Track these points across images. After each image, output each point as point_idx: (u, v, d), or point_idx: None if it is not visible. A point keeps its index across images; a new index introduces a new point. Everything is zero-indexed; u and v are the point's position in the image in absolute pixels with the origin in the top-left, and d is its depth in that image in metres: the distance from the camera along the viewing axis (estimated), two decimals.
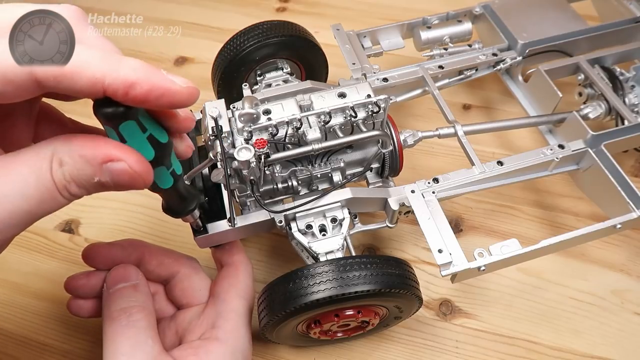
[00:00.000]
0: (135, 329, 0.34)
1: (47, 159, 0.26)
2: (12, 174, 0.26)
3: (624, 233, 0.53)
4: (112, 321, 0.35)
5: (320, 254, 0.41)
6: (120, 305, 0.35)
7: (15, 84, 0.25)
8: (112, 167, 0.26)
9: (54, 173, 0.26)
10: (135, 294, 0.37)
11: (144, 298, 0.37)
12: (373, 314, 0.41)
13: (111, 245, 0.40)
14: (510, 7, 0.61)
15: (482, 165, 0.46)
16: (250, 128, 0.40)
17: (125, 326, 0.34)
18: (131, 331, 0.34)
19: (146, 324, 0.35)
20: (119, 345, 0.34)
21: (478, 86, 0.68)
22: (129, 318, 0.35)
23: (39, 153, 0.26)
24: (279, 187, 0.43)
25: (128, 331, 0.34)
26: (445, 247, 0.40)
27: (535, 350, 0.47)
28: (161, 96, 0.25)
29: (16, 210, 0.26)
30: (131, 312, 0.35)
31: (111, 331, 0.34)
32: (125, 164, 0.26)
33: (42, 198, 0.26)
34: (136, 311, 0.35)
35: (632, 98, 0.54)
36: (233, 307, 0.38)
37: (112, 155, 0.26)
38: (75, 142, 0.27)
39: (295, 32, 0.53)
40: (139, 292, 0.37)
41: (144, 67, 0.25)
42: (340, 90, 0.44)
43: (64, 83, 0.25)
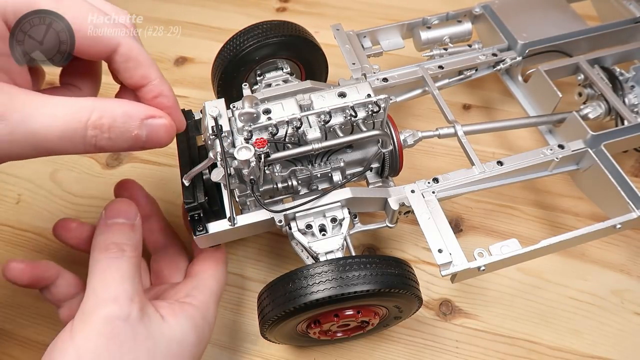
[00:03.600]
0: (127, 264, 0.35)
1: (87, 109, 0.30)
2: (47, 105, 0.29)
3: (624, 233, 0.53)
4: (105, 251, 0.36)
5: (320, 253, 0.41)
6: (115, 239, 0.36)
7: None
8: (153, 122, 0.33)
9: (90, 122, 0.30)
10: (131, 233, 0.37)
11: (137, 240, 0.38)
12: (373, 314, 0.41)
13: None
14: (510, 7, 0.61)
15: (482, 165, 0.46)
16: (250, 127, 0.40)
17: (117, 259, 0.35)
18: (123, 264, 0.35)
19: (136, 262, 0.36)
20: (109, 274, 0.35)
21: (478, 86, 0.68)
22: (123, 253, 0.36)
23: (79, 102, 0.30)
24: (278, 186, 0.43)
25: (120, 263, 0.35)
26: (445, 247, 0.40)
27: (535, 350, 0.47)
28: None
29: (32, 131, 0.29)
30: (124, 249, 0.36)
31: (101, 261, 0.35)
32: (164, 120, 0.34)
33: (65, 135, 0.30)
34: (129, 249, 0.36)
35: (631, 98, 0.54)
36: (208, 285, 0.41)
37: (155, 112, 0.33)
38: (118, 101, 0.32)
39: (295, 32, 0.53)
40: (135, 233, 0.38)
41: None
42: (340, 90, 0.44)
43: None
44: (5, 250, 0.54)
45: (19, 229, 0.55)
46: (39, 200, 0.57)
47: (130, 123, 0.32)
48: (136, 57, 0.34)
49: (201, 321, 0.38)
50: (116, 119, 0.31)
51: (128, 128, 0.32)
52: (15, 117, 0.28)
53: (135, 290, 0.35)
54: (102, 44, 0.32)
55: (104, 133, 0.31)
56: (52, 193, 0.58)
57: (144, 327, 0.34)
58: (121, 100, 0.33)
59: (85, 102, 0.31)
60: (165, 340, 0.35)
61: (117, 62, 0.34)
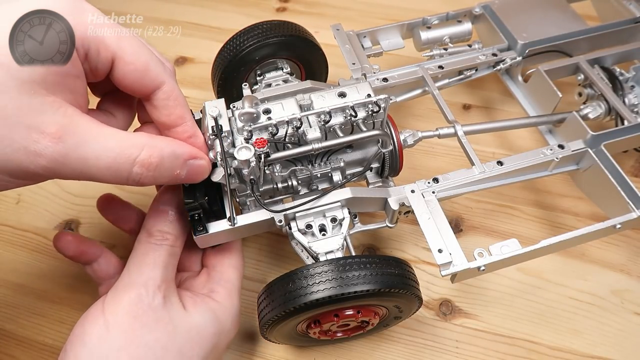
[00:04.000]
0: (164, 252, 0.38)
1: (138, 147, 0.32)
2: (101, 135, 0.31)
3: (624, 233, 0.53)
4: (149, 236, 0.39)
5: (320, 253, 0.41)
6: (161, 227, 0.39)
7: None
8: (194, 162, 0.36)
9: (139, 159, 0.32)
10: (173, 224, 0.40)
11: (178, 232, 0.40)
12: (373, 313, 0.41)
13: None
14: (510, 7, 0.61)
15: (482, 165, 0.46)
16: (250, 127, 0.40)
17: (157, 246, 0.38)
18: (162, 252, 0.38)
19: (174, 252, 0.39)
20: (145, 259, 0.37)
21: (478, 86, 0.68)
22: (164, 241, 0.38)
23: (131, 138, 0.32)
24: (278, 186, 0.43)
25: (159, 251, 0.38)
26: (445, 247, 0.40)
27: (535, 350, 0.47)
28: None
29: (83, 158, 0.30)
30: (167, 237, 0.39)
31: (143, 245, 0.38)
32: (204, 161, 0.37)
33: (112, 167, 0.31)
34: (171, 239, 0.39)
35: (631, 98, 0.54)
36: (228, 278, 0.42)
37: (197, 154, 0.36)
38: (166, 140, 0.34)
39: (295, 32, 0.53)
40: (176, 225, 0.40)
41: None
42: (340, 90, 0.44)
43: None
44: (5, 250, 0.54)
45: (19, 229, 0.55)
46: (39, 200, 0.57)
47: (175, 163, 0.34)
48: (177, 96, 0.36)
49: (222, 314, 0.39)
50: (164, 159, 0.33)
51: (173, 168, 0.34)
52: (71, 141, 0.30)
53: (165, 278, 0.37)
54: (149, 80, 0.34)
55: (150, 172, 0.33)
56: (52, 193, 0.58)
57: (166, 312, 0.36)
58: (168, 139, 0.35)
59: (137, 138, 0.32)
60: (185, 327, 0.36)
61: (158, 100, 0.35)
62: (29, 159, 0.29)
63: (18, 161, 0.29)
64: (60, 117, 0.29)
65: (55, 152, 0.29)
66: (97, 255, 0.42)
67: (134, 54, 0.33)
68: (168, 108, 0.35)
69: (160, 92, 0.35)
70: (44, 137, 0.29)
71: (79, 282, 0.51)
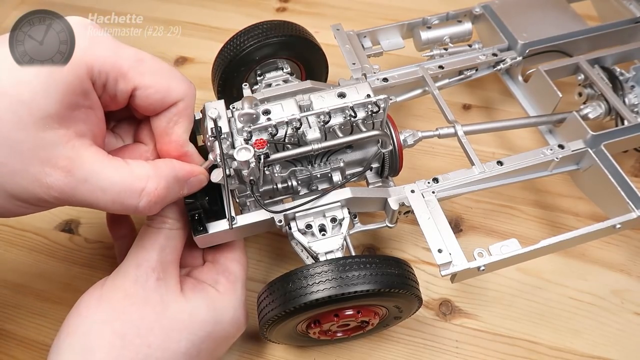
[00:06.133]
0: (162, 235, 0.38)
1: (143, 180, 0.32)
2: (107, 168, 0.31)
3: (624, 233, 0.53)
4: (150, 220, 0.39)
5: (319, 253, 0.41)
6: (162, 213, 0.39)
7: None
8: (194, 180, 0.37)
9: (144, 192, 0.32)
10: (172, 208, 0.39)
11: (177, 215, 0.40)
12: (373, 313, 0.41)
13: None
14: (510, 7, 0.61)
15: (482, 165, 0.46)
16: (250, 128, 0.40)
17: (156, 229, 0.39)
18: (159, 235, 0.38)
19: (172, 235, 0.39)
20: (143, 242, 0.38)
21: (478, 86, 0.68)
22: (162, 224, 0.39)
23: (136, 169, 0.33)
24: (278, 187, 0.43)
25: (157, 234, 0.38)
26: (445, 247, 0.40)
27: (535, 350, 0.47)
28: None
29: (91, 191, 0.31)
30: (165, 221, 0.39)
31: (145, 229, 0.39)
32: (203, 175, 0.38)
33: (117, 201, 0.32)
34: (170, 221, 0.39)
35: (631, 98, 0.54)
36: (232, 270, 0.42)
37: (195, 170, 0.37)
38: (166, 164, 0.35)
39: (295, 32, 0.53)
40: (175, 208, 0.40)
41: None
42: (340, 90, 0.44)
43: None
44: (5, 250, 0.54)
45: (19, 229, 0.55)
46: None
47: (178, 186, 0.35)
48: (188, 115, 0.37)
49: (221, 304, 0.39)
50: (169, 187, 0.34)
51: (177, 191, 0.36)
52: (79, 174, 0.31)
53: (160, 260, 0.37)
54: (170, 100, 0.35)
55: (158, 203, 0.33)
56: None
57: (157, 294, 0.36)
58: (169, 161, 0.36)
59: (141, 169, 0.33)
60: (176, 310, 0.37)
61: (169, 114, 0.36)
62: (42, 190, 0.30)
63: (34, 192, 0.30)
64: (69, 150, 0.30)
65: (65, 185, 0.30)
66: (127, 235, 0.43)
67: (155, 78, 0.34)
68: (173, 123, 0.36)
69: (174, 108, 0.36)
70: (55, 170, 0.30)
71: (79, 282, 0.51)
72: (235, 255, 0.43)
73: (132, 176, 0.32)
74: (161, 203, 0.34)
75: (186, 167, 0.36)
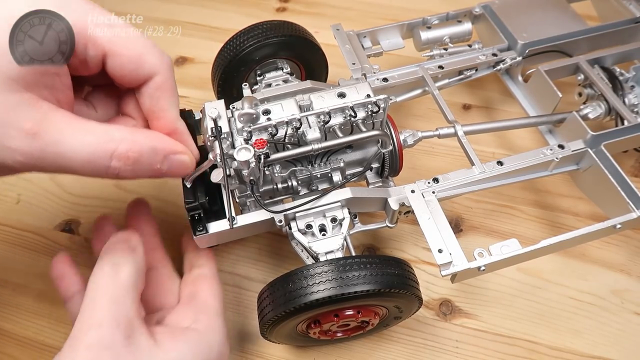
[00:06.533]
0: (119, 286, 0.34)
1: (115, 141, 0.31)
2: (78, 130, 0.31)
3: (624, 233, 0.53)
4: (100, 271, 0.35)
5: (320, 253, 0.41)
6: (113, 260, 0.36)
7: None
8: (175, 157, 0.35)
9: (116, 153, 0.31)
10: (131, 255, 0.37)
11: (137, 261, 0.37)
12: (373, 314, 0.41)
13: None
14: (510, 7, 0.61)
15: (482, 165, 0.46)
16: (250, 128, 0.40)
17: (110, 278, 0.35)
18: (114, 285, 0.34)
19: (131, 283, 0.35)
20: (98, 295, 0.34)
21: (478, 86, 0.68)
22: (117, 274, 0.35)
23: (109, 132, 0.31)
24: (278, 187, 0.43)
25: (111, 284, 0.34)
26: (445, 247, 0.40)
27: (535, 350, 0.47)
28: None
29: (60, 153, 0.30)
30: (120, 269, 0.35)
31: (95, 280, 0.35)
32: (186, 156, 0.36)
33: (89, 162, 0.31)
34: (126, 269, 0.35)
35: (631, 98, 0.54)
36: (210, 305, 0.40)
37: (178, 148, 0.35)
38: (146, 134, 0.34)
39: (295, 32, 0.53)
40: (135, 255, 0.37)
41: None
42: (339, 90, 0.44)
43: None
44: (5, 250, 0.54)
45: (19, 229, 0.55)
46: (39, 200, 0.57)
47: (155, 158, 0.33)
48: (168, 88, 0.35)
49: (207, 342, 0.37)
50: (143, 154, 0.32)
51: (152, 162, 0.33)
52: (47, 137, 0.29)
53: (123, 313, 0.33)
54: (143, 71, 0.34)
55: (128, 166, 0.32)
56: (52, 193, 0.58)
57: (129, 353, 0.32)
58: (149, 132, 0.35)
59: (116, 132, 0.32)
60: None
61: (148, 90, 0.35)
62: (5, 153, 0.29)
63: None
64: (35, 113, 0.29)
65: (31, 148, 0.29)
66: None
67: (128, 46, 0.33)
68: (156, 99, 0.35)
69: (151, 83, 0.34)
70: (19, 133, 0.29)
71: None
72: (214, 288, 0.41)
73: (105, 136, 0.31)
74: (133, 169, 0.32)
75: (168, 142, 0.35)
